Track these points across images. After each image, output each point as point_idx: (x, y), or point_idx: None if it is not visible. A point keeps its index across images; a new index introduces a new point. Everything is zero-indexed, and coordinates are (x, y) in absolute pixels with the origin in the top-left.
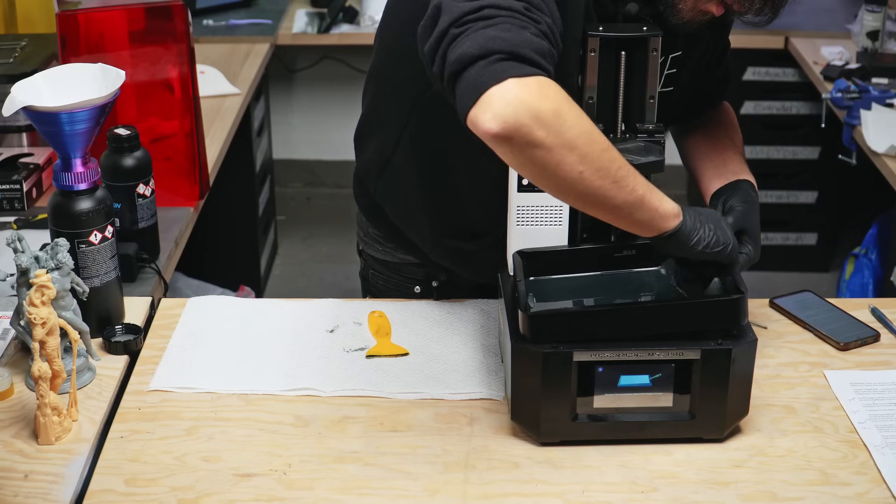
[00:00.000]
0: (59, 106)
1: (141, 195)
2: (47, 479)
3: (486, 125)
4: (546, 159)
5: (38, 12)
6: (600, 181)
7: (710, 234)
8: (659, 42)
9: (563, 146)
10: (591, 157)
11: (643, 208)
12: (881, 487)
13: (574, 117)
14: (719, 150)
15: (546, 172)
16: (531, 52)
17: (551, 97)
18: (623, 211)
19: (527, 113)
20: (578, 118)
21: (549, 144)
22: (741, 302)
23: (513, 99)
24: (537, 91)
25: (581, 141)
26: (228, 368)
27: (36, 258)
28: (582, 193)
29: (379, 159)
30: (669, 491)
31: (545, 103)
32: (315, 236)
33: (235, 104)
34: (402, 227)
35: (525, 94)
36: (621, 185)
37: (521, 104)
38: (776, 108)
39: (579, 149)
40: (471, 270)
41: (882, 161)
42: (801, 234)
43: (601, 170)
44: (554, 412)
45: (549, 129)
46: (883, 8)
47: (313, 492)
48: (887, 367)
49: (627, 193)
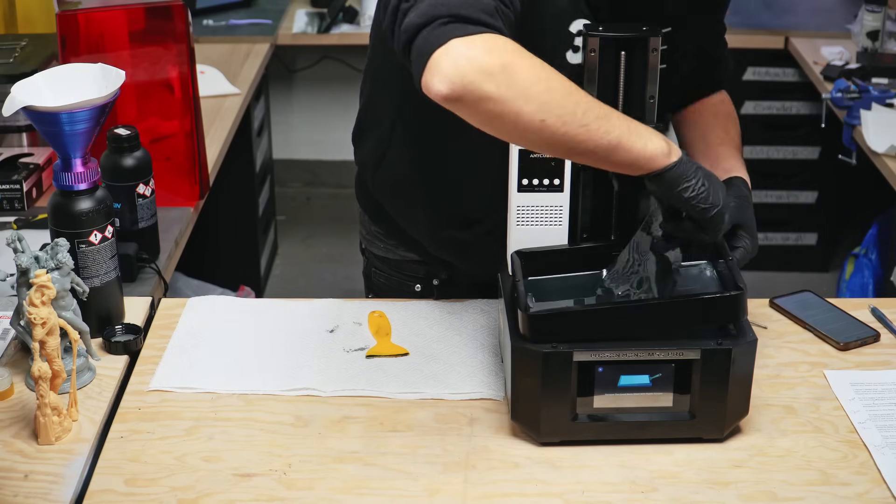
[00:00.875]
0: (59, 106)
1: (141, 195)
2: (47, 479)
3: (436, 88)
4: (503, 112)
5: (38, 12)
6: (565, 127)
7: (702, 187)
8: (659, 42)
9: (518, 96)
10: (552, 104)
11: (620, 150)
12: (881, 487)
13: (526, 67)
14: (713, 145)
15: (507, 125)
16: (475, 12)
17: (498, 51)
18: (598, 154)
19: (473, 69)
20: (532, 68)
21: (500, 97)
22: (740, 298)
23: (458, 58)
24: (482, 47)
25: (537, 89)
26: (228, 368)
27: (36, 258)
28: (549, 141)
29: (375, 154)
30: (669, 491)
31: (491, 57)
32: (315, 236)
33: (235, 104)
34: (401, 221)
35: (470, 51)
36: (591, 129)
37: (466, 61)
38: (776, 108)
39: (536, 97)
40: (470, 262)
41: (882, 161)
42: (801, 234)
43: (564, 115)
44: (554, 412)
45: (499, 82)
46: (883, 8)
47: (313, 492)
48: (887, 367)
49: (600, 137)
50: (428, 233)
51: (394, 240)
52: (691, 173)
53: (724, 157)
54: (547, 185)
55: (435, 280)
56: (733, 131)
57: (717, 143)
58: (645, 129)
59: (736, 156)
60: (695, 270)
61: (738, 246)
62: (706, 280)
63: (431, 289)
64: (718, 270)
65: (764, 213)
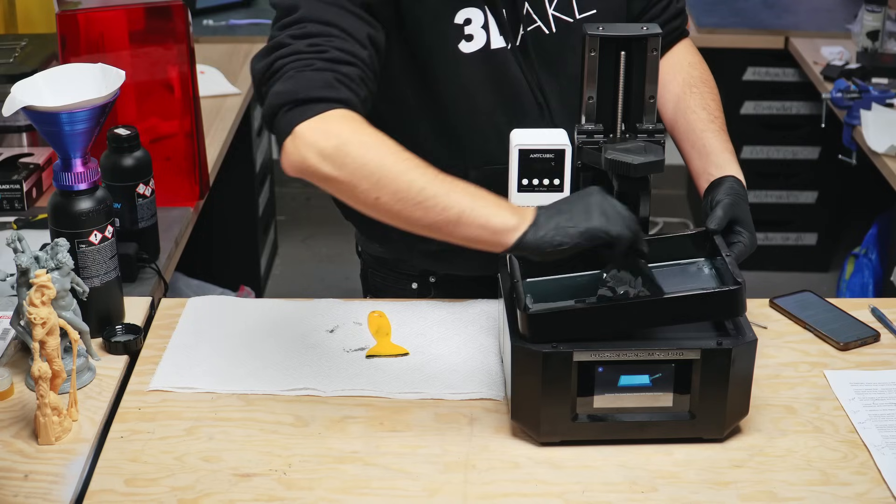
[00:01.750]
0: (59, 106)
1: (141, 195)
2: (47, 479)
3: (288, 172)
4: (342, 189)
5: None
6: (400, 205)
7: (553, 231)
8: (658, 42)
9: (353, 176)
10: (384, 182)
11: (462, 225)
12: (881, 487)
13: (360, 147)
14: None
15: (350, 200)
16: (315, 91)
17: (334, 133)
18: (442, 229)
19: (311, 153)
20: (368, 147)
21: (337, 177)
22: (739, 292)
23: (299, 144)
24: (321, 130)
25: (368, 169)
26: (228, 368)
27: (36, 258)
28: (389, 217)
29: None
30: (669, 491)
31: (327, 140)
32: (315, 236)
33: (235, 104)
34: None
35: (309, 136)
36: (427, 207)
37: (305, 146)
38: (776, 108)
39: (369, 176)
40: (455, 267)
41: (882, 161)
42: (801, 234)
43: (398, 193)
44: (554, 412)
45: (334, 163)
46: (883, 8)
47: (313, 492)
48: (887, 367)
49: (437, 214)
50: (405, 250)
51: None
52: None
53: (714, 150)
54: (547, 185)
55: (431, 277)
56: (713, 104)
57: (702, 129)
58: (493, 203)
59: (724, 145)
60: (693, 268)
61: (735, 241)
62: (705, 277)
63: (428, 286)
64: (717, 267)
65: (764, 212)
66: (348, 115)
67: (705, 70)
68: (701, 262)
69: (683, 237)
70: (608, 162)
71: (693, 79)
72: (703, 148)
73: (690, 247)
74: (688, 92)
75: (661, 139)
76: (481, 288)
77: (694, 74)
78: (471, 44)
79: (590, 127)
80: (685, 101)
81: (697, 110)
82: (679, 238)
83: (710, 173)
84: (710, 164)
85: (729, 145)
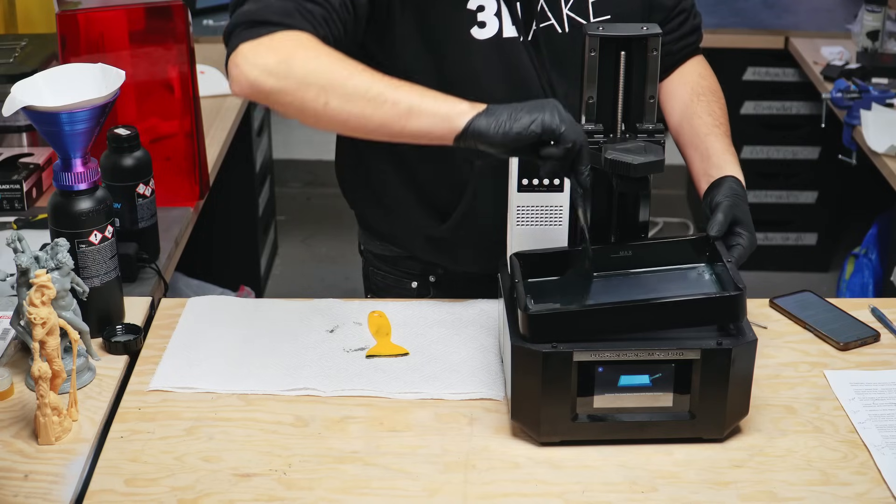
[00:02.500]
0: (59, 106)
1: (141, 195)
2: (47, 479)
3: (233, 90)
4: (289, 102)
5: (38, 12)
6: (350, 105)
7: (506, 116)
8: (658, 42)
9: (298, 86)
10: (332, 86)
11: (414, 116)
12: (881, 487)
13: (306, 57)
14: (701, 135)
15: (300, 113)
16: (270, 15)
17: (279, 48)
18: (394, 126)
19: (254, 69)
20: (312, 57)
21: (282, 88)
22: (740, 298)
23: (241, 61)
24: (265, 47)
25: (315, 75)
26: (228, 368)
27: (36, 258)
28: (340, 122)
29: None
30: (669, 491)
31: (271, 54)
32: (315, 236)
33: (235, 104)
34: (387, 235)
35: (251, 53)
36: (378, 102)
37: (248, 63)
38: (776, 108)
39: (315, 83)
40: (456, 261)
41: (882, 161)
42: (801, 234)
43: (347, 94)
44: (554, 412)
45: (278, 76)
46: (883, 8)
47: (313, 492)
48: (887, 367)
49: (387, 109)
50: (408, 240)
51: (387, 241)
52: (493, 115)
53: (715, 152)
54: (547, 185)
55: (431, 276)
56: (719, 111)
57: (706, 133)
58: (442, 96)
59: (726, 147)
60: (694, 273)
61: (735, 244)
62: (705, 282)
63: (428, 286)
64: (717, 273)
65: (764, 212)
66: (297, 35)
67: (714, 82)
68: (702, 267)
69: (684, 241)
70: (608, 162)
71: (701, 88)
72: (706, 150)
73: (691, 251)
74: (695, 100)
75: (661, 139)
76: (481, 287)
77: (703, 84)
78: (483, 30)
79: (590, 127)
80: (692, 107)
81: (703, 115)
82: (680, 242)
83: (709, 174)
84: (710, 165)
85: (731, 148)
